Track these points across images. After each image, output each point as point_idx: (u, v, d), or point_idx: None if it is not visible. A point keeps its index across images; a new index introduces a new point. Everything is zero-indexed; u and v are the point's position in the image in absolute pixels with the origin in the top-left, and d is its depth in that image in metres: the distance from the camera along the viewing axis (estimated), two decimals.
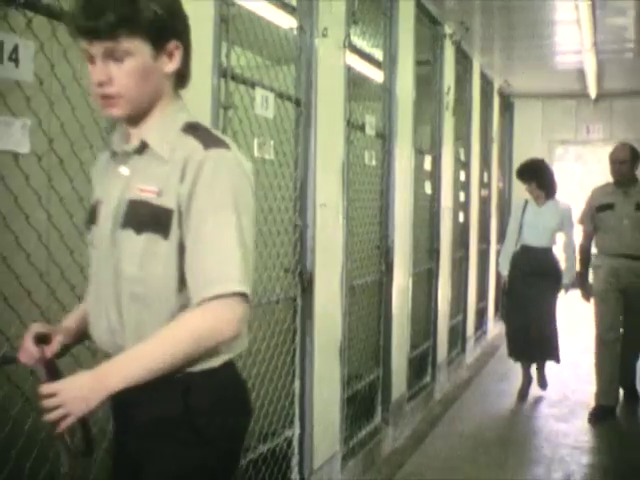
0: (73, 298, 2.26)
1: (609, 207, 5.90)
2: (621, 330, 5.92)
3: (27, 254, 2.14)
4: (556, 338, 6.52)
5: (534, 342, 6.43)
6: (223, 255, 1.74)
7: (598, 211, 5.96)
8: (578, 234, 6.33)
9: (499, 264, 7.00)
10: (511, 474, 4.72)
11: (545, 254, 6.50)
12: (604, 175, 6.34)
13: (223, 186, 1.75)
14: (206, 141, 1.78)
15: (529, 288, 6.39)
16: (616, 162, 5.84)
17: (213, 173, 1.74)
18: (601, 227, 5.99)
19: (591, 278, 6.16)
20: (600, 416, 5.77)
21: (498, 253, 9.79)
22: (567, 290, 6.51)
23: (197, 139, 1.78)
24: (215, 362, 1.81)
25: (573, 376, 7.18)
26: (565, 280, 6.44)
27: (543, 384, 6.65)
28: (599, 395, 5.86)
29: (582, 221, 6.18)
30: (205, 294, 1.72)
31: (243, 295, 1.73)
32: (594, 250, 6.19)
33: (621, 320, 5.91)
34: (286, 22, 3.76)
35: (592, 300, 6.06)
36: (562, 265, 6.54)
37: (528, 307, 6.39)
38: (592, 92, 9.87)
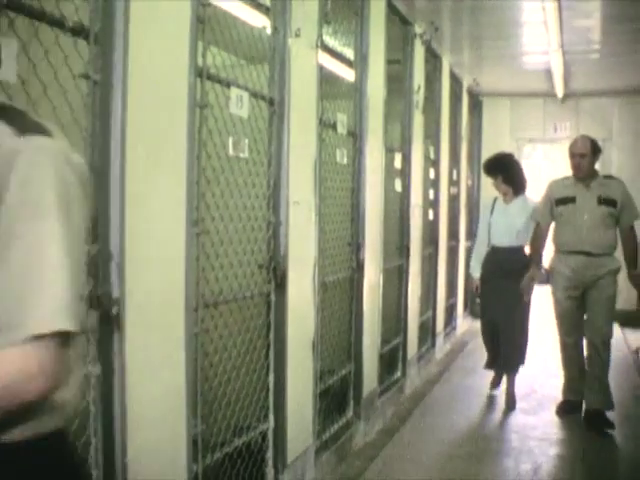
0: None
1: (570, 200, 5.71)
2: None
3: None
4: (525, 346, 6.26)
5: (502, 356, 6.25)
6: (40, 279, 1.30)
7: (558, 204, 5.77)
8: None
9: (470, 266, 6.77)
10: (480, 466, 4.81)
11: (514, 254, 6.24)
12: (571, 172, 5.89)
13: (44, 184, 1.32)
14: (20, 126, 1.35)
15: (498, 292, 6.18)
16: (576, 155, 5.68)
17: (30, 167, 1.32)
18: (560, 222, 5.79)
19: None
20: (567, 409, 5.89)
21: (467, 250, 9.93)
22: (527, 292, 6.08)
23: (7, 123, 1.36)
24: (41, 427, 1.39)
25: (541, 370, 7.30)
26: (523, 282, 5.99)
27: (511, 404, 6.16)
28: (565, 390, 5.98)
29: (537, 215, 5.97)
30: (11, 335, 1.28)
31: (64, 335, 1.32)
32: (552, 248, 5.95)
33: (584, 318, 5.76)
34: (260, 22, 3.82)
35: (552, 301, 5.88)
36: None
37: (497, 315, 6.21)
38: (559, 91, 10.01)
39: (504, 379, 6.41)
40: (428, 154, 7.72)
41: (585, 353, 5.80)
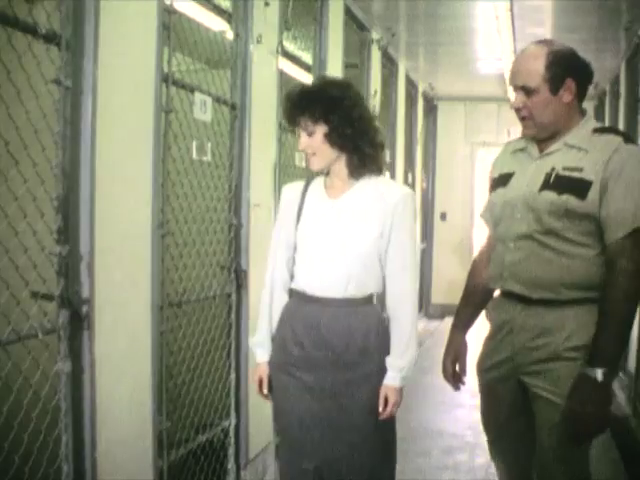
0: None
1: (505, 181, 2.77)
2: None
3: None
4: None
5: None
6: None
7: (493, 187, 2.84)
8: None
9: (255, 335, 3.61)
10: (436, 461, 4.94)
11: (347, 318, 3.05)
12: None
13: None
14: None
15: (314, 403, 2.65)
16: (517, 90, 2.71)
17: None
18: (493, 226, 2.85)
19: None
20: None
21: (422, 252, 10.09)
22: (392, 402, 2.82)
23: None
24: None
25: None
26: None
27: None
28: None
29: (484, 212, 2.92)
30: None
31: None
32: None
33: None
34: (223, 29, 3.91)
35: None
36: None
37: (314, 456, 2.74)
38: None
39: None
40: (384, 157, 7.82)
41: None
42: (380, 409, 2.71)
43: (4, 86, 2.28)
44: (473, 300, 2.96)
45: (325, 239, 2.71)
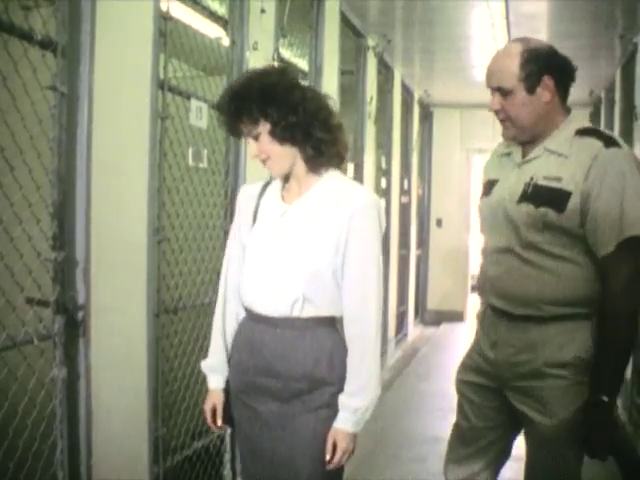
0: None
1: (489, 188, 2.70)
2: None
3: None
4: None
5: None
6: None
7: (483, 194, 2.75)
8: None
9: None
10: (431, 467, 4.93)
11: (300, 341, 2.29)
12: None
13: None
14: None
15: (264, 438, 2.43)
16: (493, 92, 2.57)
17: None
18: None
19: None
20: None
21: (418, 259, 10.10)
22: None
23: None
24: None
25: None
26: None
27: None
28: None
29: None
30: None
31: None
32: None
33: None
34: (219, 35, 3.91)
35: None
36: None
37: None
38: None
39: None
40: (380, 164, 7.85)
41: None
42: (327, 456, 2.27)
43: (0, 92, 2.28)
44: None
45: (271, 250, 2.31)
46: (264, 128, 2.23)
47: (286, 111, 2.21)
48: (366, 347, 2.25)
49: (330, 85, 5.65)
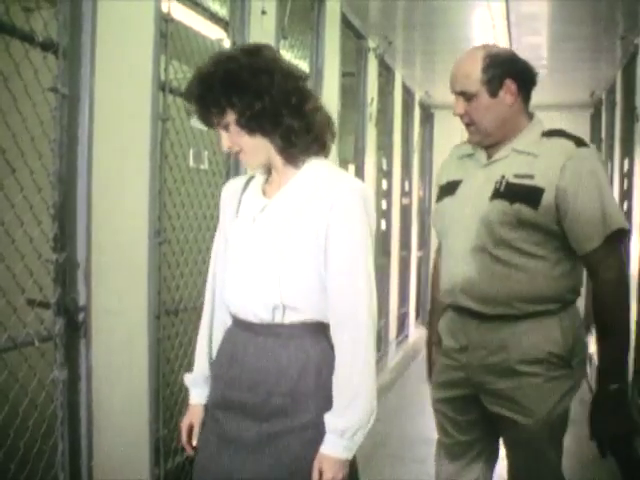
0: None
1: (452, 190, 2.71)
2: None
3: None
4: None
5: None
6: None
7: (440, 196, 2.81)
8: None
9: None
10: (431, 468, 4.91)
11: (280, 348, 2.26)
12: None
13: None
14: None
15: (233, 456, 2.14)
16: (457, 96, 2.65)
17: None
18: (440, 237, 2.81)
19: None
20: None
21: (419, 260, 10.08)
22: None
23: None
24: None
25: None
26: None
27: None
28: None
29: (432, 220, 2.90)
30: None
31: None
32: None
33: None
34: (220, 37, 3.91)
35: None
36: None
37: None
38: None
39: None
40: (381, 165, 7.84)
41: None
42: None
43: (1, 94, 2.29)
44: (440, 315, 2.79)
45: (251, 249, 2.03)
46: (232, 118, 1.97)
47: (251, 98, 1.93)
48: (355, 356, 1.93)
49: (331, 87, 5.65)
